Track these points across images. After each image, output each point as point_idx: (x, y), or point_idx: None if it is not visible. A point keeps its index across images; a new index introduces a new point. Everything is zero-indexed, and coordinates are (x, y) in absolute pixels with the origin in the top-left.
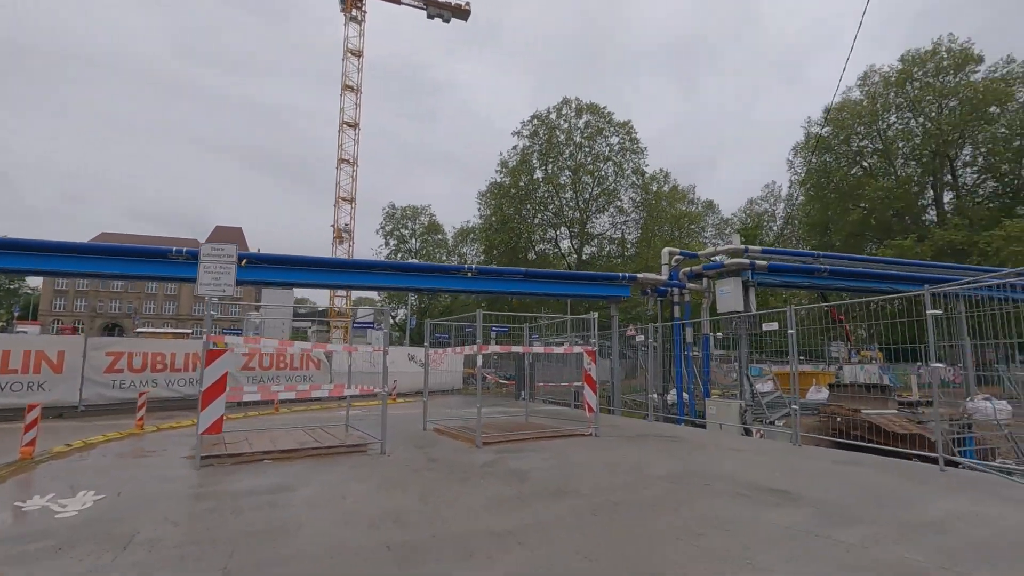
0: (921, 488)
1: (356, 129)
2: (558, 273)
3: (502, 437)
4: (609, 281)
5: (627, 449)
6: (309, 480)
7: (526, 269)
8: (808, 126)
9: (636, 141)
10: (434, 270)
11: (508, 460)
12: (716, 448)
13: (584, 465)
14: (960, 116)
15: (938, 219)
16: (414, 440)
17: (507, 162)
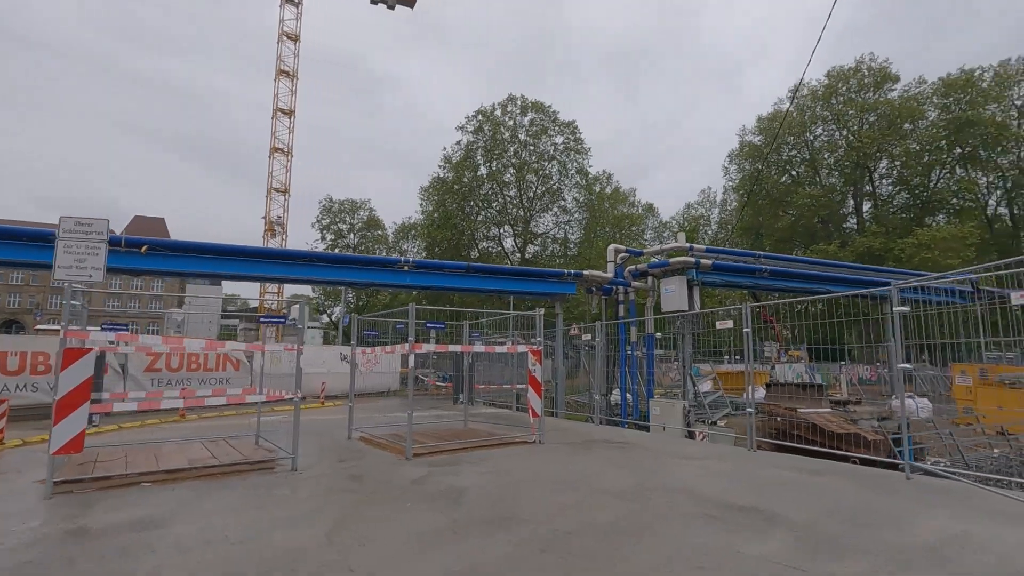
0: (895, 501)
1: (291, 117)
2: (502, 268)
3: (436, 447)
4: (555, 278)
5: (575, 459)
6: (191, 510)
7: (468, 263)
8: (743, 134)
9: (580, 141)
10: (366, 263)
11: (442, 475)
12: (668, 455)
13: (529, 481)
14: (879, 131)
15: (858, 226)
16: (336, 452)
17: (451, 157)
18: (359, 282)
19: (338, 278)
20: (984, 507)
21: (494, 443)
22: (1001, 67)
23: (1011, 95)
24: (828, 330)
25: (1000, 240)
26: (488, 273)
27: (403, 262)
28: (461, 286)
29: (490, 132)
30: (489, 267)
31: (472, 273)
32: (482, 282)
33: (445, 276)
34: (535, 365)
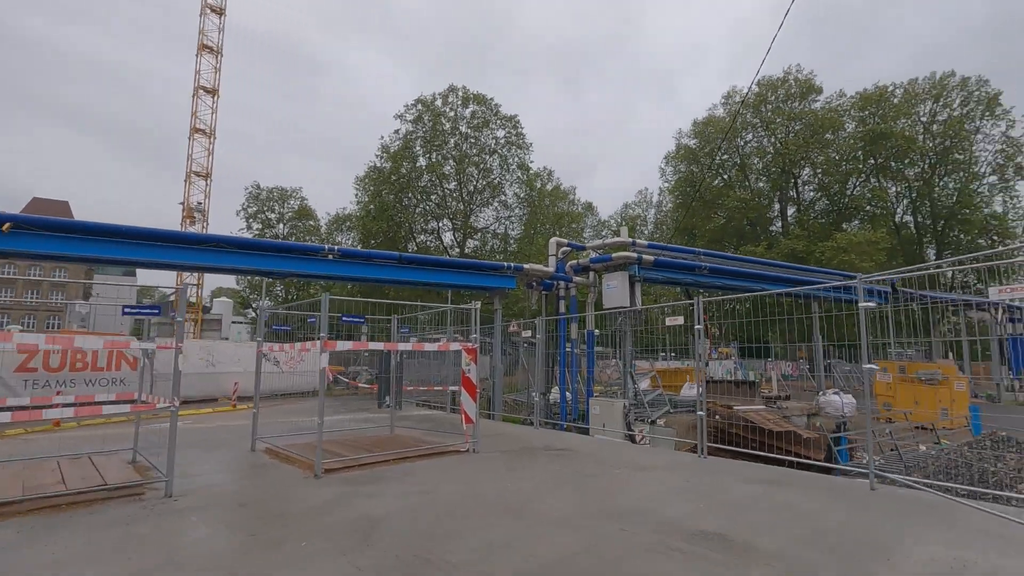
0: (872, 520)
1: (215, 97)
2: (438, 260)
3: (354, 460)
4: (494, 271)
5: (513, 473)
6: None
7: (401, 253)
8: (679, 137)
9: (522, 136)
10: (286, 250)
11: (355, 499)
12: (615, 465)
13: (460, 505)
14: (803, 139)
15: (783, 229)
16: (233, 468)
17: (388, 147)
18: (278, 271)
19: (252, 266)
20: (969, 527)
21: (422, 454)
22: (910, 85)
23: (918, 111)
24: (754, 328)
25: (906, 246)
26: (423, 264)
27: (327, 250)
28: (393, 278)
29: (430, 122)
30: (424, 258)
31: (405, 264)
32: (416, 274)
33: (375, 267)
34: (470, 365)
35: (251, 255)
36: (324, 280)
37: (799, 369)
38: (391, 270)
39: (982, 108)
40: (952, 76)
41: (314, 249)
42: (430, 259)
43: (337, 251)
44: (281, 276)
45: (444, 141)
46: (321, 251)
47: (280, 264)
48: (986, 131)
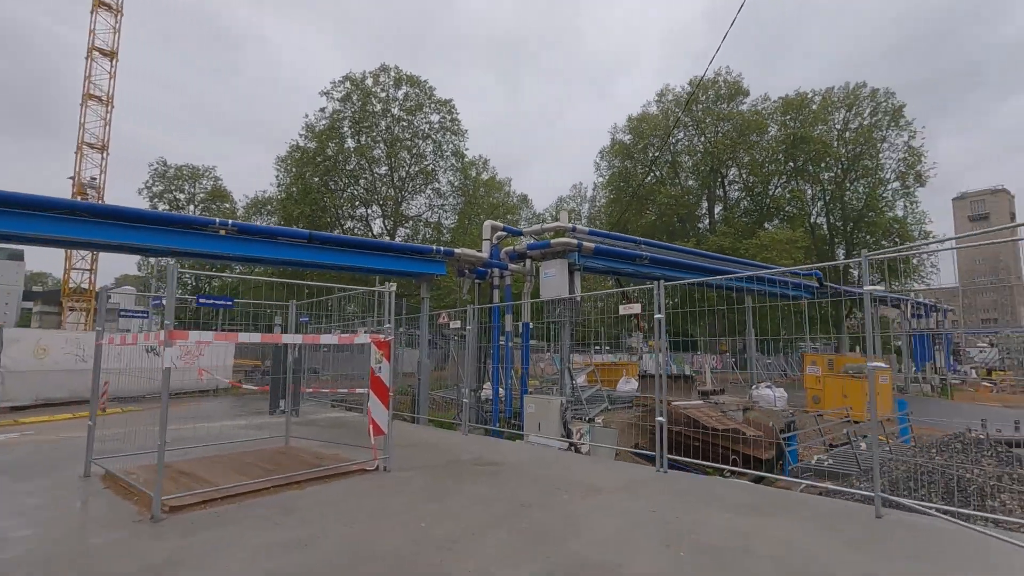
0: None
1: (113, 61)
2: (356, 240)
3: (217, 491)
4: (420, 255)
5: (431, 505)
6: None
7: (311, 232)
8: (614, 132)
9: (457, 122)
10: (165, 222)
11: (197, 555)
12: (560, 485)
13: (349, 566)
14: (731, 139)
15: (710, 227)
16: (38, 506)
17: (313, 125)
18: (154, 248)
19: (121, 240)
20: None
21: (315, 476)
22: (827, 93)
23: (833, 119)
24: (681, 321)
25: (819, 246)
26: (338, 245)
27: (219, 224)
28: (302, 259)
29: (359, 102)
30: (339, 238)
31: (317, 244)
32: (330, 256)
33: (279, 246)
34: (381, 362)
35: (119, 227)
36: (216, 260)
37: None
38: (299, 251)
39: (888, 118)
40: (864, 87)
41: (203, 222)
42: (347, 239)
43: (232, 226)
44: (159, 254)
45: (374, 123)
46: (212, 225)
47: (159, 239)
48: (891, 140)
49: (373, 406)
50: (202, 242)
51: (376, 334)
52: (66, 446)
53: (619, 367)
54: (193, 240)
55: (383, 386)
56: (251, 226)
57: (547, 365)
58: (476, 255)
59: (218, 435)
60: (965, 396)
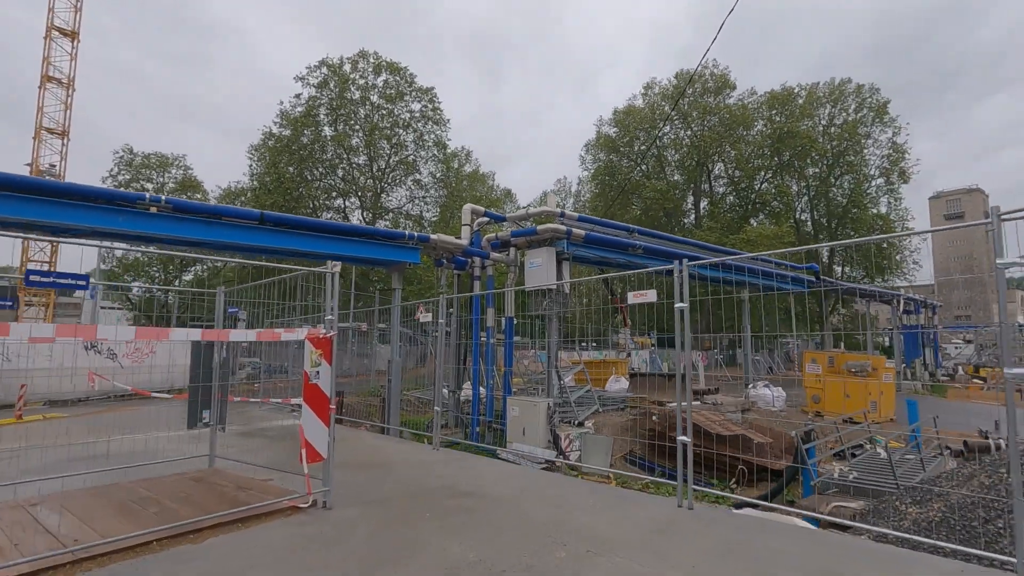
0: None
1: (74, 42)
2: (315, 223)
3: (86, 550)
4: (392, 241)
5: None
6: None
7: (263, 212)
8: (599, 125)
9: (439, 111)
10: (77, 194)
11: None
12: (557, 537)
13: None
14: (718, 133)
15: (696, 222)
16: None
17: (289, 112)
18: (61, 227)
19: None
20: None
21: (222, 520)
22: (813, 88)
23: (819, 114)
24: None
25: (803, 241)
26: (295, 228)
27: (150, 200)
28: (250, 243)
29: (337, 89)
30: (296, 219)
31: (268, 226)
32: (285, 240)
33: (223, 227)
34: (320, 365)
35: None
36: (147, 242)
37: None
38: (249, 233)
39: (873, 114)
40: (849, 82)
41: (127, 197)
42: (305, 221)
43: (166, 202)
44: (68, 234)
45: (352, 111)
46: (141, 200)
47: (64, 215)
48: (875, 136)
49: (308, 423)
50: (129, 220)
51: (314, 330)
52: None
53: (608, 365)
54: (114, 218)
55: (322, 397)
56: (189, 203)
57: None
58: (454, 242)
59: (133, 453)
60: (959, 394)
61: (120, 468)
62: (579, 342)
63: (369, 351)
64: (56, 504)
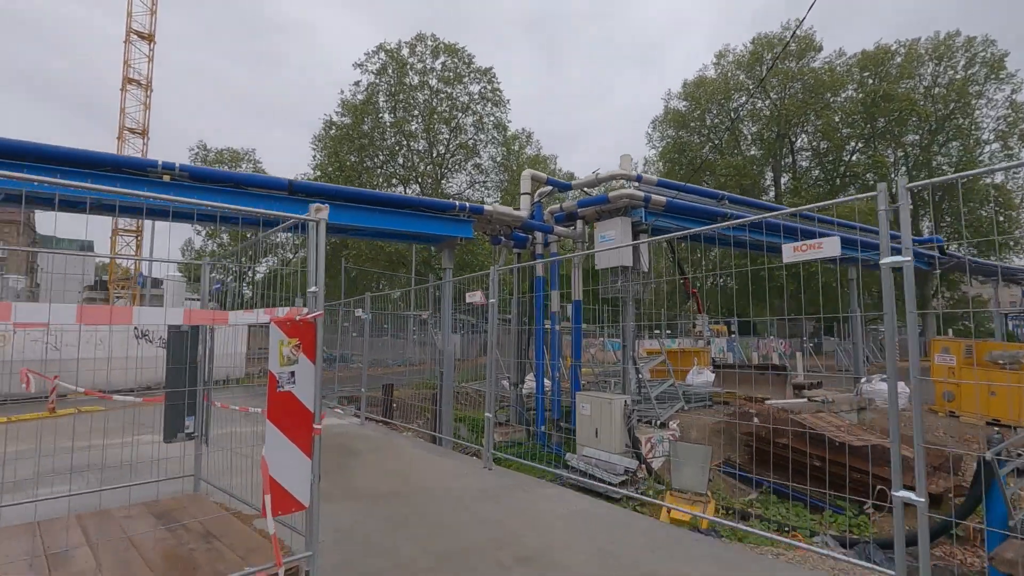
0: None
1: (151, 44)
2: (352, 192)
3: None
4: (441, 213)
5: None
6: None
7: (292, 180)
8: (668, 99)
9: (499, 91)
10: (74, 160)
11: None
12: None
13: None
14: (802, 100)
15: (776, 199)
16: None
17: (349, 101)
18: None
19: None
20: None
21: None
22: (912, 44)
23: (920, 74)
24: (746, 299)
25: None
26: (329, 199)
27: (162, 167)
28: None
29: (396, 75)
30: (330, 188)
31: (298, 196)
32: None
33: (246, 198)
34: (296, 362)
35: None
36: (159, 217)
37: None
38: (276, 205)
39: (987, 70)
40: (957, 35)
41: (140, 164)
42: (340, 190)
43: (181, 170)
44: (77, 206)
45: (411, 96)
46: (153, 167)
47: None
48: (990, 95)
49: (275, 453)
50: (139, 188)
51: (287, 312)
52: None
53: (688, 355)
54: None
55: (299, 412)
56: (208, 170)
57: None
58: (512, 214)
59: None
60: None
61: (94, 491)
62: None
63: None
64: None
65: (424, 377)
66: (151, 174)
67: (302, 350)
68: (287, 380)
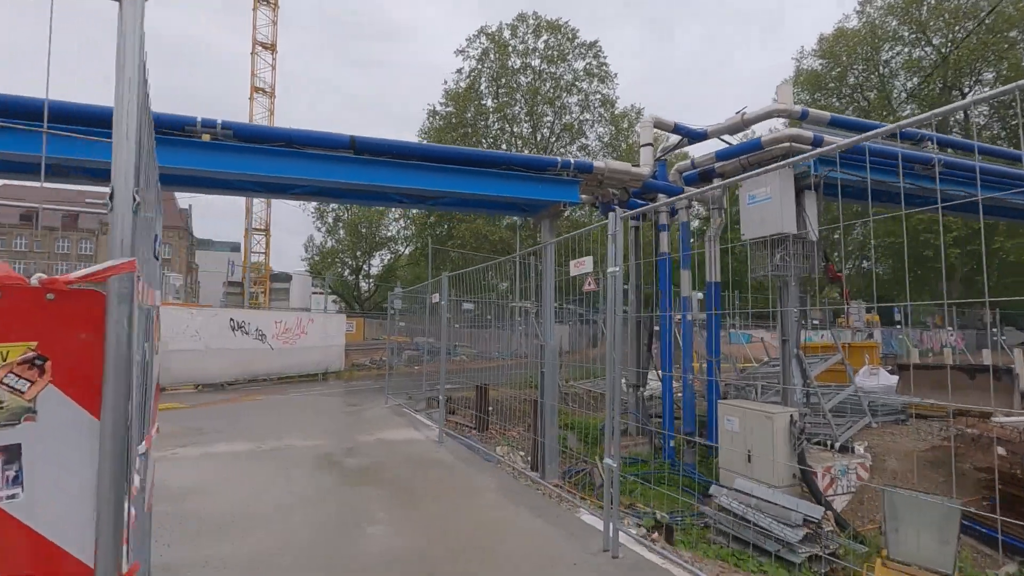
0: None
1: (273, 53)
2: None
3: None
4: (538, 172)
5: None
6: None
7: (354, 136)
8: (800, 58)
9: (605, 66)
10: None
11: None
12: None
13: None
14: (978, 42)
15: None
16: None
17: (452, 90)
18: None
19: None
20: None
21: None
22: None
23: None
24: (892, 284)
25: None
26: (398, 157)
27: (202, 125)
28: (334, 179)
29: (497, 59)
30: (400, 145)
31: (364, 155)
32: (384, 173)
33: (300, 159)
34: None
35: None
36: (193, 185)
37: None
38: (335, 167)
39: None
40: None
41: (176, 122)
42: (412, 147)
43: (223, 127)
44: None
45: (514, 80)
46: (191, 125)
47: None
48: None
49: None
50: (174, 154)
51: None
52: None
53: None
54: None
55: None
56: (257, 128)
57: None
58: (631, 171)
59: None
60: None
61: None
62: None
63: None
64: None
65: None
66: (189, 133)
67: (51, 375)
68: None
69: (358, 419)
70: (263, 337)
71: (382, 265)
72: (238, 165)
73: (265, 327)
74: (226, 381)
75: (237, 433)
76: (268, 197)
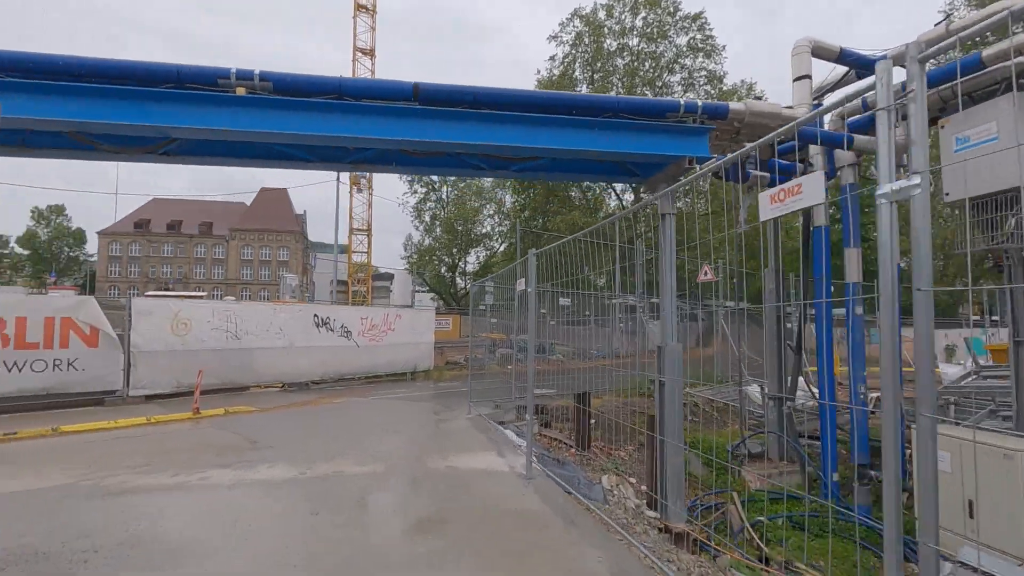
0: None
1: (372, 59)
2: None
3: None
4: (653, 119)
5: None
6: None
7: (417, 83)
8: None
9: (711, 39)
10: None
11: None
12: None
13: None
14: None
15: None
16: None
17: (546, 79)
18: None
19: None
20: None
21: None
22: None
23: None
24: None
25: None
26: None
27: (236, 77)
28: (393, 136)
29: (592, 43)
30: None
31: (429, 106)
32: (461, 128)
33: (351, 114)
34: None
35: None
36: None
37: None
38: (393, 123)
39: None
40: None
41: (208, 75)
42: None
43: (262, 78)
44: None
45: (610, 63)
46: (224, 77)
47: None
48: None
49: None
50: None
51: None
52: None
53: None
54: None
55: None
56: (300, 77)
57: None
58: (781, 114)
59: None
60: None
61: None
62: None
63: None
64: None
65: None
66: (222, 86)
67: None
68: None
69: (433, 433)
70: (348, 334)
71: (478, 262)
72: (280, 123)
73: (351, 324)
74: (312, 380)
75: (288, 451)
76: (320, 168)
